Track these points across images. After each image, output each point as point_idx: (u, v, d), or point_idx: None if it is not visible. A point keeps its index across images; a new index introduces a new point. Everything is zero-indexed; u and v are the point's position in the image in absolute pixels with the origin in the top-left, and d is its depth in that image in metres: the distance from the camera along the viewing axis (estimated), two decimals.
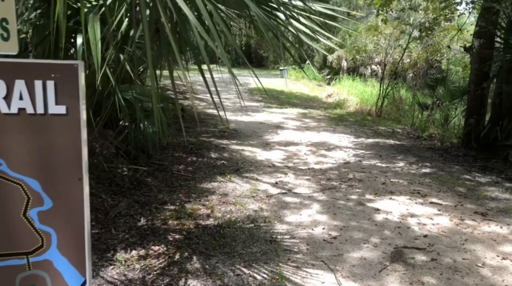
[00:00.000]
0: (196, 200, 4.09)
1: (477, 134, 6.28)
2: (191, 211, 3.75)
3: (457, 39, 10.79)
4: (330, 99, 15.63)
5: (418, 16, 11.61)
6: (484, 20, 6.10)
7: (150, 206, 3.80)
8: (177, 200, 4.03)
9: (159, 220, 3.51)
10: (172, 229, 3.37)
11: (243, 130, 8.23)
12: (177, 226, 3.43)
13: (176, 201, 3.99)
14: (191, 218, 3.60)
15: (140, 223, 3.43)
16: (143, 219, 3.50)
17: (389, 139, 7.93)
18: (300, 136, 7.87)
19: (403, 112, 11.77)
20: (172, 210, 3.77)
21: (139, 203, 3.82)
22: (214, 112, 10.35)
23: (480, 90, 6.26)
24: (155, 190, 4.24)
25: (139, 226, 3.36)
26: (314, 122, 9.73)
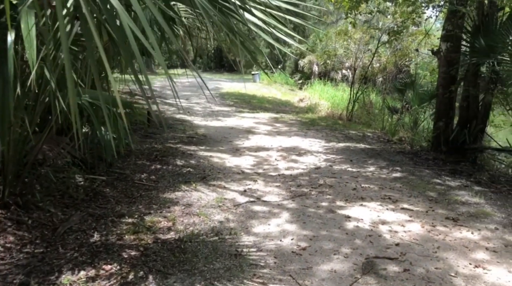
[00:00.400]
0: (157, 211, 3.81)
1: (446, 137, 6.26)
2: (151, 224, 3.47)
3: (424, 44, 10.93)
4: (302, 104, 15.59)
5: (387, 21, 11.71)
6: (450, 24, 6.11)
7: (106, 220, 3.49)
8: (136, 212, 3.74)
9: (115, 235, 3.21)
10: (128, 244, 3.08)
11: (212, 136, 7.97)
12: (134, 241, 3.15)
13: (135, 213, 3.69)
14: (150, 232, 3.32)
15: (93, 239, 3.12)
16: (97, 234, 3.19)
17: (359, 143, 7.86)
18: (271, 141, 7.69)
19: (373, 116, 11.81)
20: (129, 223, 3.47)
21: (93, 216, 3.51)
22: (184, 117, 10.06)
23: (448, 93, 6.26)
24: (113, 202, 3.92)
25: (91, 243, 3.05)
26: (285, 127, 9.58)
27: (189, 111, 11.05)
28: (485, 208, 4.30)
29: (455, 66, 6.22)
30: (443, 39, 6.33)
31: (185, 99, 13.57)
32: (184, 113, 10.76)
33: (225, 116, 10.64)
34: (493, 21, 5.71)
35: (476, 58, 5.78)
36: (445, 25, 6.22)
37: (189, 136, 7.70)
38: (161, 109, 11.14)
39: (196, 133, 8.08)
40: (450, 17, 6.10)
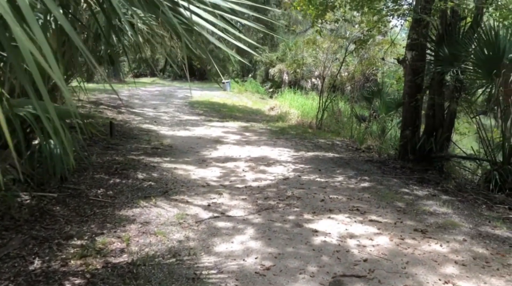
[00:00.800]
0: (111, 231, 3.50)
1: (413, 146, 6.24)
2: (102, 246, 3.16)
3: (391, 53, 11.05)
4: (273, 112, 15.49)
5: (354, 31, 11.80)
6: (415, 33, 6.12)
7: (51, 243, 3.15)
8: (87, 232, 3.41)
9: (59, 261, 2.89)
10: (73, 271, 2.76)
11: (178, 146, 7.67)
12: (80, 266, 2.83)
13: (86, 234, 3.37)
14: (100, 255, 3.01)
15: (33, 266, 2.79)
16: (38, 261, 2.86)
17: (328, 152, 7.76)
18: (240, 151, 7.47)
19: (342, 125, 11.82)
20: (78, 246, 3.15)
21: (37, 240, 3.16)
22: (150, 127, 9.71)
23: (414, 102, 6.26)
24: (62, 221, 3.58)
25: (30, 271, 2.72)
26: (255, 136, 9.39)
27: (156, 121, 10.69)
28: (453, 218, 4.22)
29: (420, 75, 6.22)
30: (408, 48, 6.33)
31: (152, 109, 13.18)
32: (150, 123, 10.40)
33: (193, 126, 10.34)
34: (456, 30, 5.76)
35: (440, 67, 5.79)
36: (410, 34, 6.23)
37: (154, 147, 7.37)
38: (126, 119, 10.74)
39: (161, 144, 7.75)
40: (414, 26, 6.11)
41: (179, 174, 5.69)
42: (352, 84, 12.30)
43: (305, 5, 6.32)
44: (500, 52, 4.86)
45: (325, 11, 6.47)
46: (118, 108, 12.46)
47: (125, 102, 14.06)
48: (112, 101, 13.92)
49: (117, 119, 10.34)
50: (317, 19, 6.66)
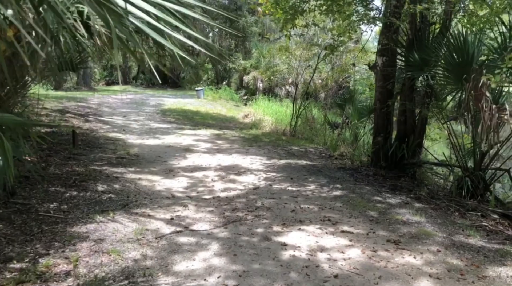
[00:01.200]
0: (59, 250, 3.15)
1: (385, 152, 6.13)
2: (44, 269, 2.81)
3: (362, 59, 11.06)
4: (247, 120, 15.28)
5: (326, 38, 11.77)
6: (385, 38, 6.04)
7: None
8: (30, 253, 3.05)
9: None
10: None
11: (146, 156, 7.32)
12: None
13: (28, 255, 3.01)
14: (41, 280, 2.67)
15: None
16: None
17: (301, 159, 7.58)
18: (210, 160, 7.18)
19: (316, 132, 11.71)
20: (17, 269, 2.79)
21: None
22: (118, 136, 9.29)
23: (385, 108, 6.16)
24: (4, 241, 3.20)
25: None
26: (227, 144, 9.12)
27: (125, 129, 10.27)
28: (426, 228, 4.07)
29: (391, 81, 6.14)
30: (379, 53, 6.24)
31: (122, 117, 12.73)
32: (119, 131, 9.98)
33: (163, 134, 9.98)
34: (426, 35, 5.70)
35: (411, 72, 5.72)
36: (380, 40, 6.15)
37: (119, 157, 6.99)
38: (93, 127, 10.28)
39: (127, 153, 7.38)
40: (384, 32, 6.03)
41: (143, 185, 5.35)
42: (325, 92, 12.24)
43: (273, 9, 6.14)
44: (469, 57, 4.80)
45: (294, 15, 6.32)
46: (86, 116, 11.95)
47: (93, 111, 13.54)
48: (80, 109, 13.38)
49: (83, 128, 9.87)
50: (286, 23, 6.50)
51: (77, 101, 15.15)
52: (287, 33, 6.82)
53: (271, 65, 15.88)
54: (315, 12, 6.41)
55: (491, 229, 4.05)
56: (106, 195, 4.74)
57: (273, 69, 14.99)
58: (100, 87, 24.80)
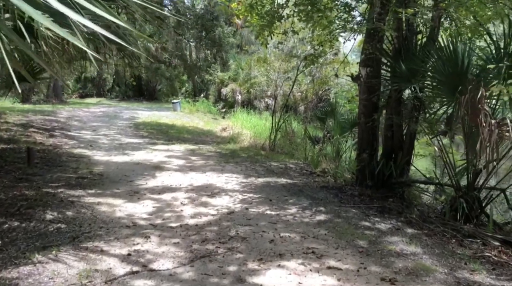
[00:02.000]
0: None
1: (371, 170, 5.63)
2: None
3: (343, 71, 10.68)
4: (225, 133, 14.68)
5: (305, 49, 11.37)
6: (369, 47, 5.60)
7: None
8: None
9: None
10: None
11: (111, 175, 6.61)
12: None
13: None
14: None
15: None
16: None
17: (281, 177, 7.01)
18: (182, 179, 6.53)
19: (296, 146, 11.22)
20: None
21: None
22: (83, 152, 8.55)
23: (370, 122, 5.68)
24: None
25: None
26: (201, 160, 8.48)
27: (92, 145, 9.51)
28: (424, 261, 3.54)
29: (376, 93, 5.69)
30: (362, 64, 5.79)
31: (91, 131, 11.93)
32: (85, 147, 9.21)
33: (134, 150, 9.27)
34: (413, 44, 5.28)
35: (397, 84, 5.28)
36: (364, 49, 5.71)
37: (80, 177, 6.27)
38: (57, 143, 9.48)
39: (90, 172, 6.66)
40: (368, 40, 5.59)
41: (101, 210, 4.66)
42: (305, 104, 11.81)
43: (247, 13, 5.62)
44: (462, 68, 4.39)
45: (271, 22, 5.81)
46: (51, 131, 11.10)
47: (61, 125, 12.68)
48: (46, 123, 12.50)
49: (46, 144, 9.06)
50: (262, 30, 5.98)
51: (45, 115, 14.23)
52: (263, 40, 6.30)
53: (249, 77, 15.40)
54: (293, 18, 5.91)
55: (496, 260, 3.55)
56: (54, 225, 4.04)
57: (251, 81, 14.49)
58: (73, 100, 23.77)
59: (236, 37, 20.22)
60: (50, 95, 18.79)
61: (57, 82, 18.24)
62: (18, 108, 15.74)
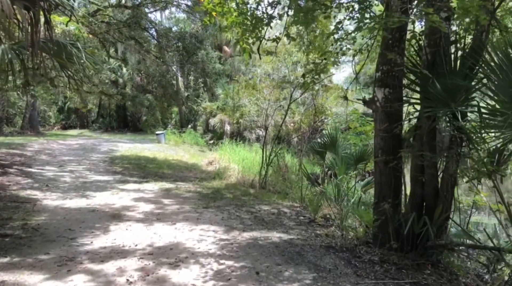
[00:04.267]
0: None
1: (396, 227, 3.99)
2: None
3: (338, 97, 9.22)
4: (211, 167, 13.01)
5: (298, 75, 9.97)
6: (387, 62, 4.10)
7: None
8: None
9: None
10: None
11: (50, 228, 4.91)
12: None
13: None
14: None
15: None
16: None
17: (272, 230, 5.32)
18: (141, 235, 4.83)
19: (290, 183, 9.58)
20: None
21: None
22: (32, 195, 6.85)
23: (393, 161, 4.10)
24: None
25: None
26: (175, 204, 6.78)
27: (49, 185, 7.78)
28: None
29: (399, 122, 4.15)
30: (378, 83, 4.28)
31: (58, 167, 10.19)
32: (39, 187, 7.48)
33: (97, 190, 7.55)
34: (450, 56, 3.80)
35: (431, 109, 3.74)
36: (380, 63, 4.22)
37: (2, 234, 4.53)
38: (5, 182, 7.73)
39: (23, 226, 4.95)
40: (385, 53, 4.09)
41: None
42: (299, 136, 10.29)
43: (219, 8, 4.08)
44: None
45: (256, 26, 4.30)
46: (7, 167, 9.36)
47: (25, 159, 10.94)
48: (6, 158, 10.76)
49: None
50: (245, 33, 4.43)
51: (10, 148, 12.50)
52: (246, 48, 4.73)
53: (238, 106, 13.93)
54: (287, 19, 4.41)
55: None
56: None
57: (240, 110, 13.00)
58: (53, 131, 22.02)
59: (225, 65, 18.93)
60: (26, 126, 17.08)
61: (34, 113, 16.59)
62: None
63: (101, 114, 22.57)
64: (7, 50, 4.39)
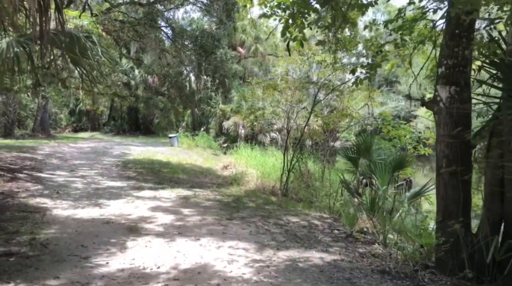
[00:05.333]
0: None
1: (471, 252, 3.32)
2: None
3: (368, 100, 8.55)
4: (226, 172, 12.40)
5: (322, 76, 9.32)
6: (452, 55, 3.44)
7: None
8: None
9: None
10: None
11: (60, 244, 4.32)
12: None
13: None
14: None
15: None
16: None
17: (310, 248, 4.66)
18: (163, 254, 4.21)
19: (314, 190, 8.93)
20: None
21: None
22: (41, 203, 6.29)
23: (462, 173, 3.43)
24: None
25: None
26: (196, 214, 6.16)
27: (60, 192, 7.21)
28: None
29: (469, 127, 3.48)
30: (442, 81, 3.61)
31: (69, 171, 9.64)
32: (49, 195, 6.92)
33: (111, 198, 6.97)
34: None
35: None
36: (443, 56, 3.55)
37: (6, 253, 3.95)
38: (14, 189, 7.18)
39: (31, 241, 4.37)
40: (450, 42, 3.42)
41: None
42: (323, 139, 9.61)
43: None
44: None
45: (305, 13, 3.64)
46: (17, 172, 8.83)
47: (35, 164, 10.41)
48: (16, 162, 10.24)
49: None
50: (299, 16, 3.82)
51: (21, 152, 12.01)
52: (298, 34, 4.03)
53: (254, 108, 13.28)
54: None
55: None
56: None
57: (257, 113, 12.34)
58: (64, 134, 21.58)
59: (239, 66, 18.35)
60: (37, 129, 16.63)
61: (45, 115, 16.14)
62: None
63: (113, 117, 22.11)
64: (13, 43, 3.77)
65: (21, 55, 3.95)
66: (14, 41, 3.75)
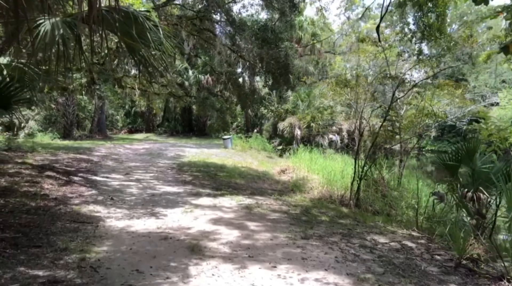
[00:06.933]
0: None
1: None
2: None
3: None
4: (285, 177, 11.45)
5: (400, 70, 8.06)
6: None
7: None
8: None
9: None
10: None
11: (113, 266, 3.61)
12: None
13: None
14: None
15: None
16: None
17: None
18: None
19: (391, 201, 7.70)
20: None
21: None
22: (95, 211, 5.71)
23: None
24: None
25: None
26: (264, 230, 5.24)
27: (114, 198, 6.63)
28: None
29: None
30: None
31: (124, 174, 9.17)
32: (103, 201, 6.35)
33: (167, 206, 6.26)
34: None
35: None
36: None
37: (51, 281, 3.24)
38: (68, 194, 6.70)
39: (81, 262, 3.68)
40: None
41: None
42: (401, 142, 8.32)
43: None
44: None
45: None
46: (72, 174, 8.45)
47: (90, 166, 10.09)
48: (72, 164, 9.96)
49: (50, 197, 6.29)
50: None
51: (78, 153, 11.84)
52: None
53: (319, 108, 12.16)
54: None
55: None
56: None
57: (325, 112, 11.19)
58: (120, 135, 21.79)
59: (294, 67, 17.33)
60: (94, 130, 16.71)
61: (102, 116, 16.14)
62: (54, 144, 13.61)
63: (167, 118, 22.02)
64: (59, 24, 3.01)
65: (70, 39, 3.19)
66: (60, 22, 2.99)
